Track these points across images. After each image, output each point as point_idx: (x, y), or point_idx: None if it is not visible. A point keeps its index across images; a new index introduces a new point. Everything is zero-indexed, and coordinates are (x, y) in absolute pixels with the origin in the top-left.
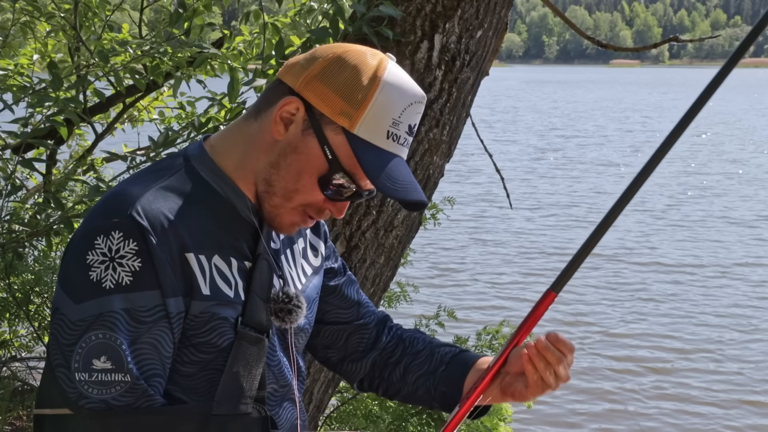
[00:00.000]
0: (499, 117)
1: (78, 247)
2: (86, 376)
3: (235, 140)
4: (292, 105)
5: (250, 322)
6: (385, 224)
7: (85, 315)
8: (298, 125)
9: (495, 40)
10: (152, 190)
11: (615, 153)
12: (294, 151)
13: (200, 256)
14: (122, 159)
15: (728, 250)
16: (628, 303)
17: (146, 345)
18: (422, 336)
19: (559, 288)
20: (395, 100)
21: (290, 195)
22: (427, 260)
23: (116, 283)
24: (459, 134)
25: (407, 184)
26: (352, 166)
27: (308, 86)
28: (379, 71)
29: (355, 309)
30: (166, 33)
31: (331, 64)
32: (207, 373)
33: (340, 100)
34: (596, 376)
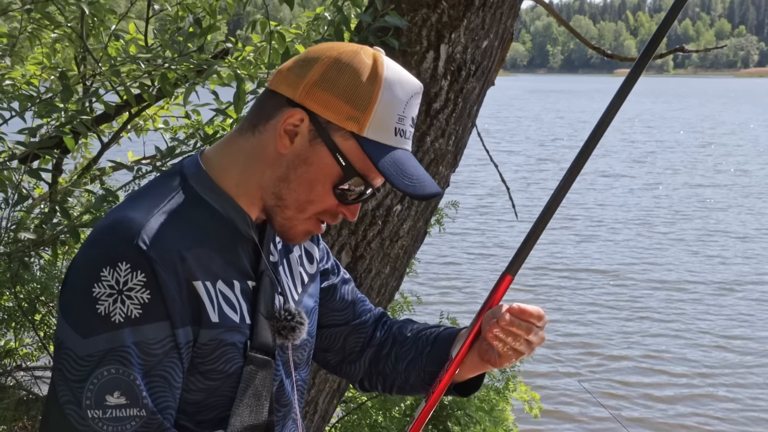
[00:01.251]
0: (502, 126)
1: (82, 279)
2: (100, 413)
3: (233, 156)
4: (295, 117)
5: (257, 346)
6: (390, 234)
7: (94, 350)
8: (304, 136)
9: (501, 50)
10: (154, 216)
11: (619, 164)
12: (304, 163)
13: (206, 282)
14: (128, 169)
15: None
16: (630, 322)
17: (157, 378)
18: (411, 324)
19: (514, 271)
20: (398, 96)
21: (304, 206)
22: (430, 270)
23: (126, 316)
24: (464, 144)
25: (422, 178)
26: (366, 169)
27: (309, 95)
28: (378, 69)
29: (351, 309)
30: (176, 45)
31: (329, 68)
32: (215, 399)
33: (346, 105)
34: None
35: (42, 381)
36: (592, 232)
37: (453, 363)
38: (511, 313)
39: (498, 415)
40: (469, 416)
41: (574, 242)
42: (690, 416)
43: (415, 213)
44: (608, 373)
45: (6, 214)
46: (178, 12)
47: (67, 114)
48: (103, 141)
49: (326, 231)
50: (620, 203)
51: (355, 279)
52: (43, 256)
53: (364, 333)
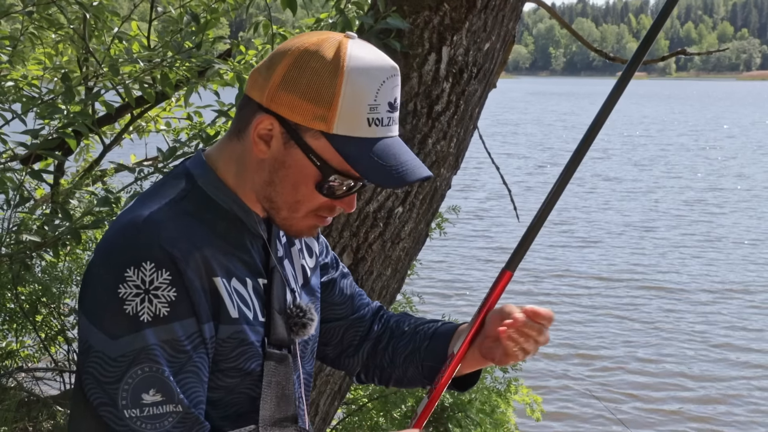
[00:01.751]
0: (504, 129)
1: (106, 281)
2: (137, 412)
3: (228, 158)
4: (265, 122)
5: (274, 341)
6: (392, 236)
7: (126, 350)
8: (278, 140)
9: (502, 52)
10: (170, 216)
11: (618, 167)
12: (282, 166)
13: (224, 279)
14: (130, 170)
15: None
16: (629, 324)
17: (189, 373)
18: (409, 318)
19: (513, 267)
20: (365, 85)
21: (295, 206)
22: (432, 273)
23: (154, 315)
24: (466, 146)
25: (404, 163)
26: (342, 165)
27: (274, 99)
28: (340, 60)
29: (350, 303)
30: (175, 44)
31: (290, 69)
32: (233, 397)
33: (310, 105)
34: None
35: (43, 382)
36: (590, 236)
37: (454, 359)
38: (526, 314)
39: (499, 418)
40: (470, 418)
41: (572, 246)
42: (693, 420)
43: (416, 215)
44: (608, 377)
45: (8, 215)
46: (181, 14)
47: (69, 115)
48: (105, 143)
49: (327, 233)
50: (619, 207)
51: (357, 281)
52: (44, 257)
53: (362, 327)
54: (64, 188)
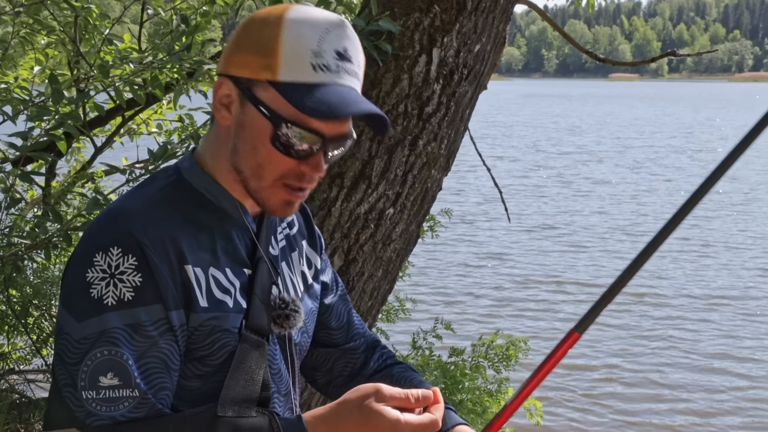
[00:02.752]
0: (496, 131)
1: (77, 265)
2: (93, 394)
3: (207, 147)
4: (224, 87)
5: (252, 326)
6: (383, 237)
7: (88, 333)
8: (236, 103)
9: (493, 54)
10: (146, 205)
11: (611, 170)
12: (242, 127)
13: (197, 268)
14: (121, 172)
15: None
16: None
17: (153, 359)
18: (410, 375)
19: (582, 329)
20: (305, 31)
21: (258, 172)
22: (425, 274)
23: (118, 299)
24: (457, 148)
25: (347, 101)
26: (292, 114)
27: (228, 62)
28: (281, 14)
29: (345, 331)
30: (166, 46)
31: (240, 32)
32: (212, 385)
33: (254, 57)
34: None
35: (35, 384)
36: (578, 242)
37: (507, 410)
38: None
39: (490, 418)
40: (462, 418)
41: (558, 251)
42: (687, 426)
43: (407, 216)
44: (603, 387)
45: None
46: (172, 16)
47: (58, 117)
48: (96, 145)
49: None
50: (608, 211)
51: (348, 282)
52: (36, 260)
53: (354, 359)
54: (56, 190)
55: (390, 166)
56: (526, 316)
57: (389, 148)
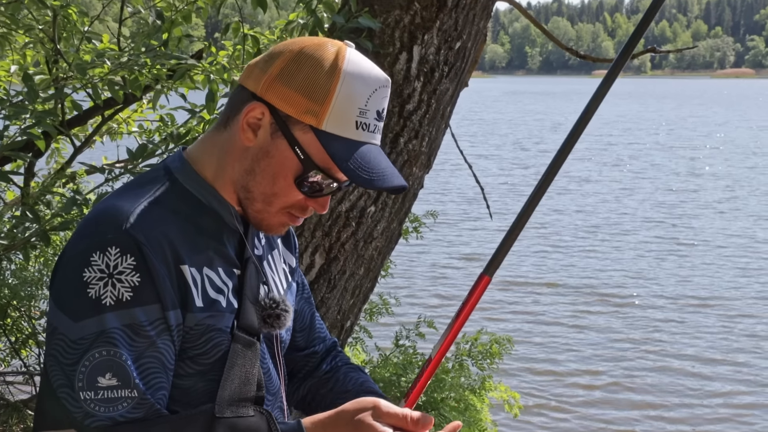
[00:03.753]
0: (479, 129)
1: (73, 265)
2: (92, 395)
3: (210, 150)
4: (257, 110)
5: (243, 326)
6: (364, 236)
7: (86, 333)
8: (266, 130)
9: (474, 51)
10: (142, 204)
11: (590, 168)
12: (266, 156)
13: (192, 268)
14: (100, 171)
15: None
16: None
17: (151, 359)
18: (357, 375)
19: (491, 272)
20: (358, 89)
21: (270, 199)
22: (407, 271)
23: (116, 299)
24: (438, 145)
25: (384, 170)
26: (325, 162)
27: (270, 89)
28: (338, 62)
29: (306, 333)
30: (145, 45)
31: (289, 63)
32: (204, 384)
33: (303, 99)
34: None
35: (14, 387)
36: (555, 241)
37: (431, 364)
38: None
39: (473, 415)
40: (443, 416)
41: (537, 253)
42: (670, 421)
43: (389, 214)
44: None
45: None
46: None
47: (35, 115)
48: (75, 144)
49: (300, 233)
50: (590, 210)
51: (329, 280)
52: (14, 260)
53: (312, 362)
54: (35, 191)
55: None
56: (510, 316)
57: None
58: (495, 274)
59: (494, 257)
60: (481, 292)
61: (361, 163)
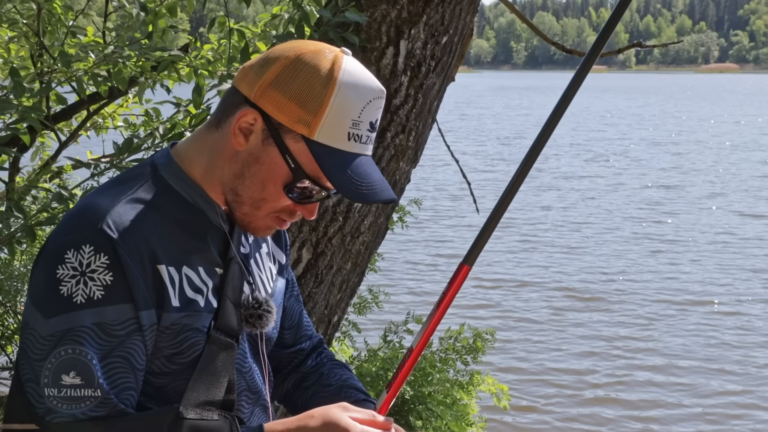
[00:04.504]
0: (465, 124)
1: (48, 262)
2: (55, 392)
3: (200, 149)
4: (249, 116)
5: (221, 327)
6: (351, 230)
7: (55, 330)
8: (257, 135)
9: (461, 45)
10: (122, 202)
11: (573, 163)
12: (256, 162)
13: (170, 267)
14: (86, 166)
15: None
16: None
17: (118, 359)
18: (341, 372)
19: (471, 261)
20: (353, 101)
21: (258, 204)
22: (393, 266)
23: (87, 297)
24: (425, 140)
25: (374, 183)
26: (315, 171)
27: (263, 96)
28: (334, 72)
29: (294, 331)
30: (129, 38)
31: (285, 70)
32: (179, 383)
33: (297, 108)
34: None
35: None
36: (538, 239)
37: (413, 354)
38: None
39: (460, 409)
40: (431, 410)
41: (527, 247)
42: (653, 407)
43: (376, 209)
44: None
45: None
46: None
47: (21, 110)
48: (61, 139)
49: (287, 228)
50: (570, 206)
51: (317, 275)
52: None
53: (298, 359)
54: (20, 186)
55: None
56: (497, 312)
57: None
58: (475, 263)
59: (473, 247)
60: (461, 281)
61: (351, 176)
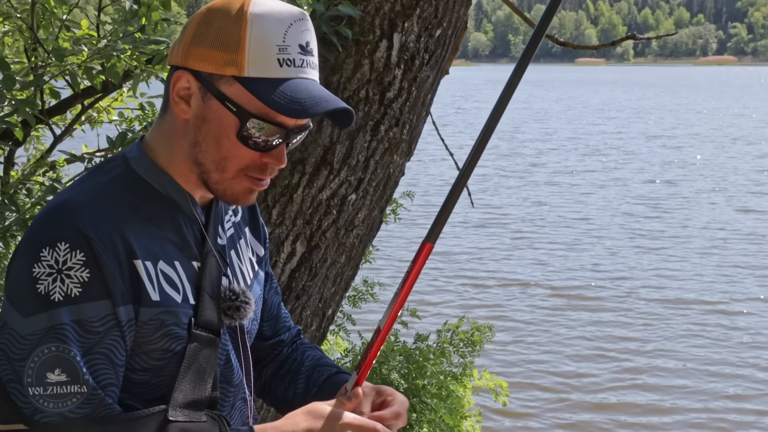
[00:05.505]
0: (460, 117)
1: (23, 261)
2: (41, 390)
3: (160, 136)
4: (182, 80)
5: (202, 323)
6: (345, 223)
7: (35, 329)
8: (196, 96)
9: (454, 38)
10: (94, 197)
11: (571, 155)
12: (204, 121)
13: (146, 262)
14: (80, 160)
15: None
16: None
17: (99, 355)
18: (314, 353)
19: (433, 239)
20: (270, 27)
21: (221, 164)
22: (391, 258)
23: (65, 294)
24: (419, 133)
25: (318, 97)
26: (258, 108)
27: (188, 56)
28: (243, 8)
29: (273, 323)
30: (124, 32)
31: (200, 25)
32: (160, 380)
33: (219, 53)
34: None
35: None
36: (532, 237)
37: (381, 335)
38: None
39: (455, 402)
40: (425, 403)
41: (522, 239)
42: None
43: (370, 202)
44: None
45: None
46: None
47: (14, 104)
48: (55, 133)
49: (281, 221)
50: (567, 203)
51: (311, 268)
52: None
53: (277, 350)
54: (14, 180)
55: (352, 152)
56: (491, 303)
57: (351, 133)
58: (437, 241)
59: (435, 224)
60: (424, 259)
61: (288, 95)
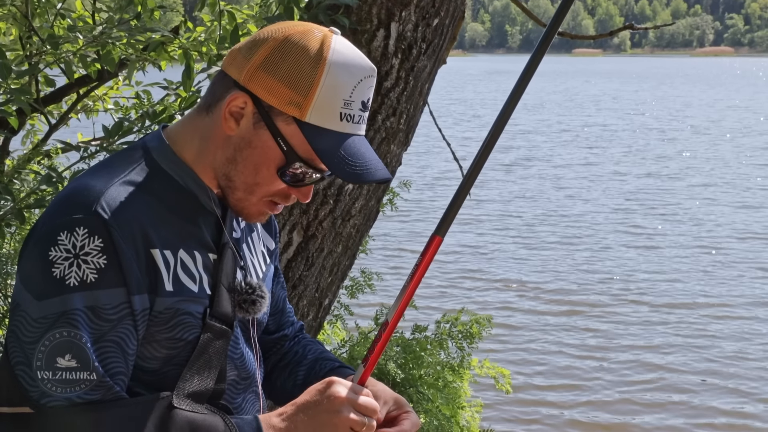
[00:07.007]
0: (458, 108)
1: (40, 244)
2: (50, 375)
3: (191, 133)
4: (239, 100)
5: (216, 314)
6: (342, 213)
7: (48, 312)
8: (248, 119)
9: (452, 28)
10: (115, 184)
11: (572, 147)
12: (248, 146)
13: (165, 251)
14: (76, 149)
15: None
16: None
17: (110, 343)
18: (315, 347)
19: (443, 232)
20: (344, 80)
21: (251, 188)
22: (387, 249)
23: (81, 280)
24: (416, 123)
25: (367, 163)
26: (308, 153)
27: (253, 79)
28: (323, 52)
29: (278, 317)
30: (119, 20)
31: (273, 52)
32: (171, 368)
33: (287, 90)
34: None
35: None
36: (528, 233)
37: (388, 327)
38: None
39: (452, 392)
40: (422, 393)
41: (520, 227)
42: (649, 391)
43: (366, 192)
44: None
45: None
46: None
47: (9, 92)
48: (51, 122)
49: None
50: (559, 196)
51: (307, 258)
52: None
53: (280, 344)
54: (9, 168)
55: None
56: (490, 294)
57: None
58: (446, 234)
59: (444, 218)
60: (433, 252)
61: (344, 157)
